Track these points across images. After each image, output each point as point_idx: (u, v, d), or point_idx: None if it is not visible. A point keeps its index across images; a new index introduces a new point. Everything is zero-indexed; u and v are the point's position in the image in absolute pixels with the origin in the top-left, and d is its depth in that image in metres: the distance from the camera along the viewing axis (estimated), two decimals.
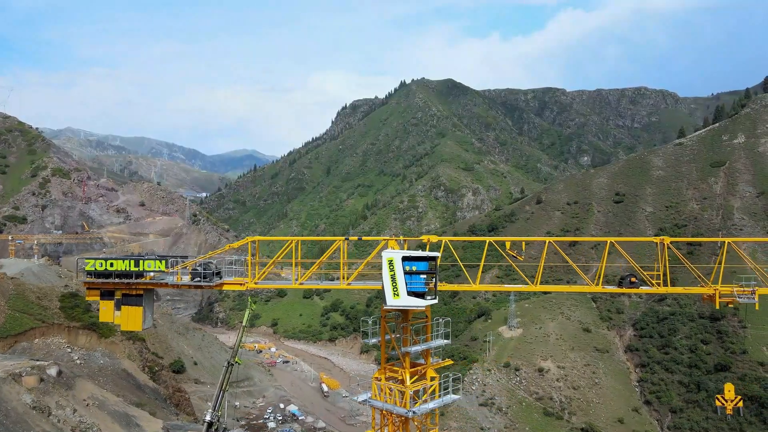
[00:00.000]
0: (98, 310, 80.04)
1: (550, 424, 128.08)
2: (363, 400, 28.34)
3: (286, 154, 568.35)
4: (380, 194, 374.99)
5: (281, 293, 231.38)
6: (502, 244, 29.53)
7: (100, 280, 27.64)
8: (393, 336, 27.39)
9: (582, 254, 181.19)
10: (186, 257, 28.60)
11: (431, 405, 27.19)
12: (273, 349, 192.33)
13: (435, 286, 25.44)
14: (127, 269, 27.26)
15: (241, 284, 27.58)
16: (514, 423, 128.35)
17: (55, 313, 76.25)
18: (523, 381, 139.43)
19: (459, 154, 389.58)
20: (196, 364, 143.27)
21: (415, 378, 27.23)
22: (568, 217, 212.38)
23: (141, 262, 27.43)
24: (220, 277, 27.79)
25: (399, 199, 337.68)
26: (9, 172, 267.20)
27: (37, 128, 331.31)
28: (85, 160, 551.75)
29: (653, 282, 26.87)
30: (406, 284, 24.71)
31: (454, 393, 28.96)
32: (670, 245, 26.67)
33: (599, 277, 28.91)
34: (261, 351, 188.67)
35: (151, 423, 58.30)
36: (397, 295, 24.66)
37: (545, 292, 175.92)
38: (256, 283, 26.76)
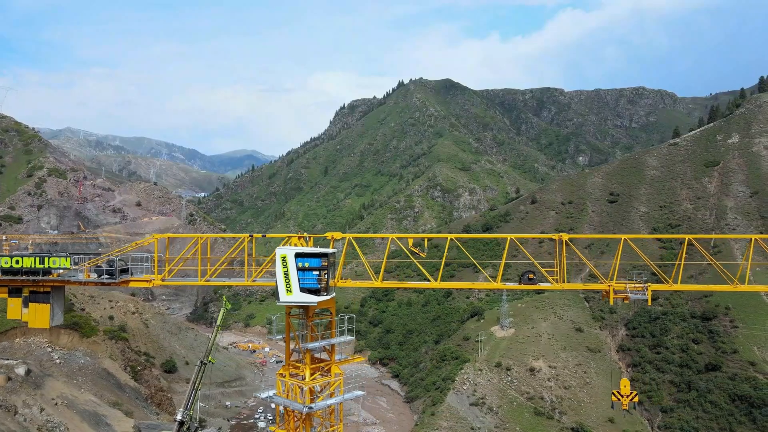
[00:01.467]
0: (81, 309, 79.56)
1: (540, 424, 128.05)
2: (266, 396, 28.44)
3: (284, 154, 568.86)
4: (377, 194, 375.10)
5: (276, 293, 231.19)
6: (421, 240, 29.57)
7: (8, 277, 27.59)
8: (296, 333, 27.49)
9: (575, 253, 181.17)
10: (98, 254, 28.67)
11: (331, 401, 27.31)
12: (267, 349, 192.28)
13: (327, 282, 25.48)
14: (34, 266, 27.18)
15: (147, 281, 27.77)
16: (505, 423, 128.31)
17: None
18: (514, 381, 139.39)
19: (456, 154, 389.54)
20: (187, 363, 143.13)
21: (316, 374, 27.31)
22: (562, 217, 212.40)
23: (46, 259, 27.41)
24: (131, 274, 27.89)
25: (395, 199, 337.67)
26: (5, 172, 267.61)
27: (33, 128, 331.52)
28: (83, 160, 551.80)
29: (551, 279, 26.92)
30: (299, 280, 24.81)
31: (359, 389, 29.07)
32: (568, 242, 26.89)
33: (500, 273, 28.90)
34: (255, 351, 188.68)
35: (121, 422, 58.29)
36: (290, 292, 24.86)
37: (538, 291, 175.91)
38: (163, 280, 26.85)
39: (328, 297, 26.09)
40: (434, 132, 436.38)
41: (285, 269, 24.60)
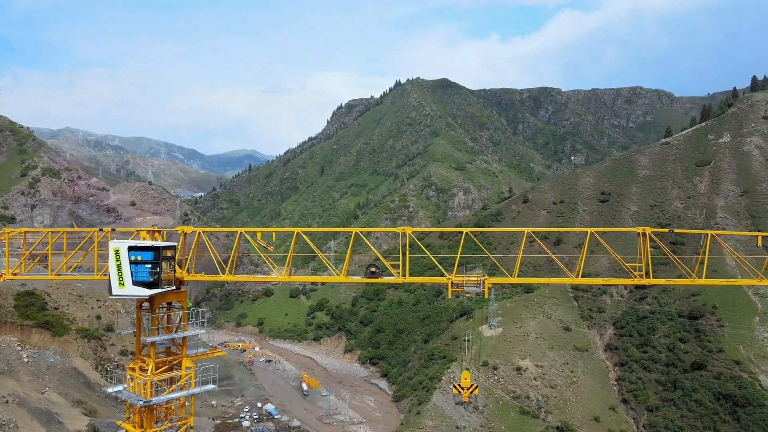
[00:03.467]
0: (54, 308, 79.41)
1: (525, 423, 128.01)
2: (115, 391, 28.44)
3: (281, 154, 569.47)
4: (373, 194, 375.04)
5: (268, 293, 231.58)
6: (328, 237, 29.57)
7: None
8: (143, 327, 27.51)
9: (566, 252, 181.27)
10: None
11: (174, 395, 27.28)
12: (257, 348, 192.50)
13: (159, 275, 25.48)
14: None
15: None
16: (490, 422, 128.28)
17: (8, 312, 76.20)
18: (500, 380, 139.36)
19: (452, 153, 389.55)
20: None
21: (164, 368, 27.33)
22: (553, 216, 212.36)
23: None
24: None
25: (390, 198, 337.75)
26: None
27: (28, 128, 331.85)
28: (81, 160, 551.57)
29: (396, 272, 26.95)
30: (132, 274, 24.90)
31: (212, 383, 29.18)
32: (411, 236, 27.27)
33: (345, 268, 28.85)
34: (245, 350, 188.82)
35: (75, 420, 58.20)
36: (123, 285, 24.89)
37: (528, 290, 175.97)
38: (14, 275, 26.90)
39: (161, 290, 26.02)
40: (430, 131, 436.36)
41: (118, 262, 24.77)
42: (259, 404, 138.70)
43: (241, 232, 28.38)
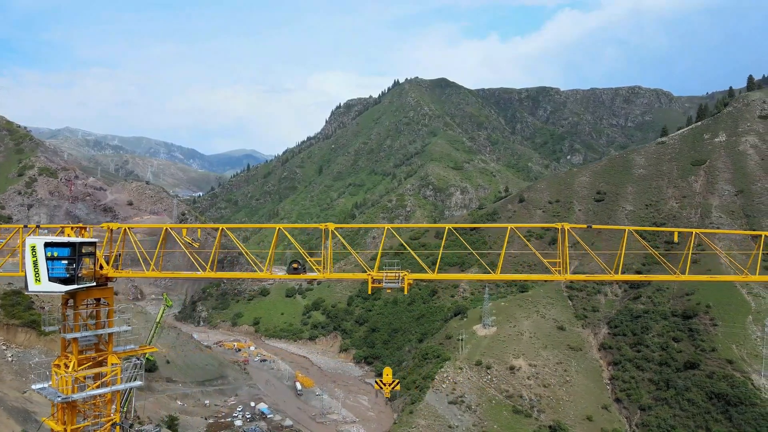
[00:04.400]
0: (41, 307, 79.15)
1: (518, 422, 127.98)
2: (39, 388, 28.36)
3: (281, 154, 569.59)
4: (370, 193, 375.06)
5: (264, 292, 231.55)
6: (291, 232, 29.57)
7: None
8: (65, 323, 27.43)
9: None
10: None
11: (96, 391, 27.20)
12: (252, 348, 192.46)
13: (76, 271, 25.41)
14: None
15: None
16: (483, 421, 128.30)
17: None
18: (494, 379, 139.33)
19: (449, 153, 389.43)
20: (168, 362, 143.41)
21: (87, 364, 27.24)
22: (549, 216, 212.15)
23: None
24: None
25: (387, 198, 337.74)
26: None
27: (26, 127, 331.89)
28: (80, 160, 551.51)
29: (317, 268, 26.98)
30: (48, 270, 24.79)
31: (138, 380, 29.16)
32: (334, 232, 27.27)
33: (270, 263, 28.83)
34: (240, 350, 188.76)
35: None
36: (39, 281, 24.80)
37: (523, 290, 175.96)
38: None
39: (77, 286, 25.89)
40: (428, 131, 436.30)
41: (34, 259, 24.67)
42: (253, 404, 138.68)
43: (166, 228, 28.36)
